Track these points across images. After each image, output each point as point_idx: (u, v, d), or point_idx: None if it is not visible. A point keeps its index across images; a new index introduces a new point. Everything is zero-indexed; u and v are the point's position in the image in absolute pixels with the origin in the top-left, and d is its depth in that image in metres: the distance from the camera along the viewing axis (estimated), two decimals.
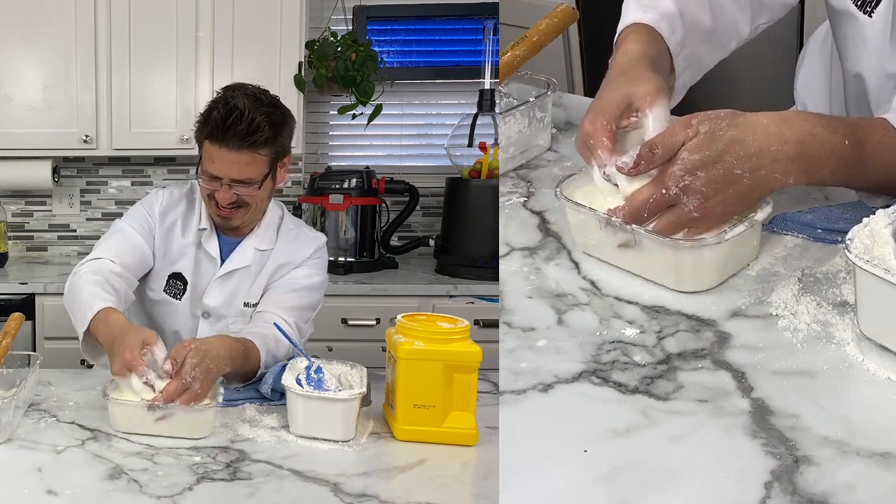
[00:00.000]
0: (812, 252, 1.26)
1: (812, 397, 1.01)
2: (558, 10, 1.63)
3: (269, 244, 1.78)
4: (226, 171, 1.66)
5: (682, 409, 1.01)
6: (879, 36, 1.44)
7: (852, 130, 1.17)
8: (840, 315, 1.13)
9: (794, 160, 1.14)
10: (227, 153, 1.64)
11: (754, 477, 0.91)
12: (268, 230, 1.79)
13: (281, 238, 1.79)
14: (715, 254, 1.16)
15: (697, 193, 1.13)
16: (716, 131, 1.13)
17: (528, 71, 1.61)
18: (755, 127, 1.13)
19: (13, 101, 2.87)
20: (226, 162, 1.65)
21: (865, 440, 0.94)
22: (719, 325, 1.14)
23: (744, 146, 1.13)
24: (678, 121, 1.16)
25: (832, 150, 1.15)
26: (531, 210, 1.42)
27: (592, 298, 1.21)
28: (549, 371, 1.08)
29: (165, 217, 1.78)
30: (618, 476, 0.93)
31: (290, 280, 1.77)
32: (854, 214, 1.24)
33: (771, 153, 1.13)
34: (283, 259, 1.78)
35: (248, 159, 1.65)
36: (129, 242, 1.74)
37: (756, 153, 1.13)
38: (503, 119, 1.51)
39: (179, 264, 1.77)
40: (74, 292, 1.63)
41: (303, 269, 1.78)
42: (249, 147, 1.64)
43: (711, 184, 1.13)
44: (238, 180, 1.67)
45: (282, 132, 1.69)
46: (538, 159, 1.56)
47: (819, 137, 1.15)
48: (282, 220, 1.81)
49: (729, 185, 1.13)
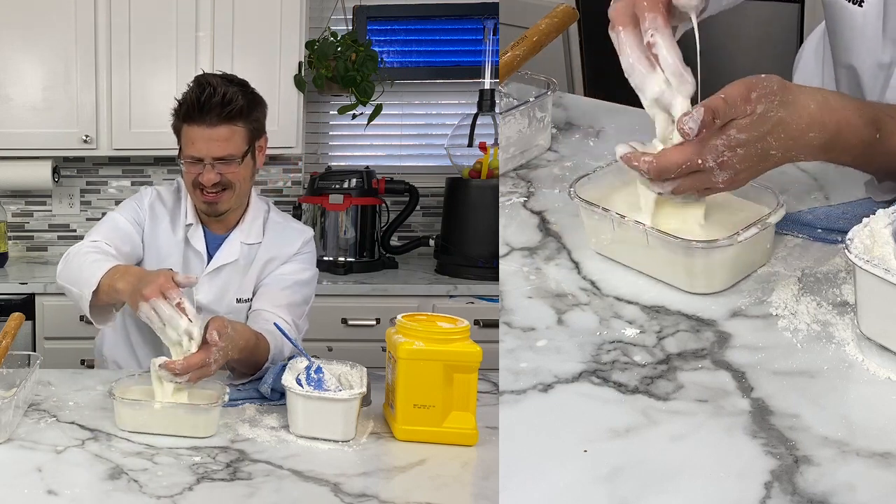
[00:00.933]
0: (812, 252, 1.26)
1: (812, 397, 1.01)
2: (558, 10, 1.63)
3: (256, 238, 1.79)
4: (207, 149, 1.68)
5: (682, 409, 1.01)
6: (871, 26, 1.45)
7: (885, 122, 1.18)
8: (840, 315, 1.13)
9: (825, 147, 1.16)
10: (207, 130, 1.67)
11: (754, 477, 0.91)
12: (254, 224, 1.79)
13: (268, 232, 1.80)
14: (727, 255, 1.16)
15: (731, 169, 1.13)
16: (767, 112, 1.12)
17: (528, 71, 1.61)
18: (801, 111, 1.13)
19: (13, 101, 2.87)
20: (206, 140, 1.68)
21: (865, 440, 0.94)
22: (719, 325, 1.14)
23: (787, 129, 1.13)
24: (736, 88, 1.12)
25: (862, 140, 1.17)
26: (531, 210, 1.42)
27: (592, 298, 1.21)
28: (549, 371, 1.08)
29: (154, 210, 1.80)
30: (618, 476, 0.93)
31: (281, 276, 1.78)
32: (854, 214, 1.24)
33: (807, 139, 1.14)
34: (271, 253, 1.79)
35: (227, 133, 1.68)
36: (121, 231, 1.76)
37: (795, 137, 1.13)
38: (503, 119, 1.51)
39: (168, 262, 1.78)
40: (74, 264, 1.64)
41: (292, 264, 1.79)
42: (226, 120, 1.67)
43: (747, 160, 1.13)
44: (220, 158, 1.69)
45: (255, 108, 1.73)
46: (538, 159, 1.56)
47: (854, 128, 1.16)
48: (268, 213, 1.83)
49: (760, 162, 1.14)
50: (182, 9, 2.85)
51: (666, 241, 1.17)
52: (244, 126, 1.70)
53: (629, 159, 1.17)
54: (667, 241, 1.17)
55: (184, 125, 1.70)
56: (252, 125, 1.72)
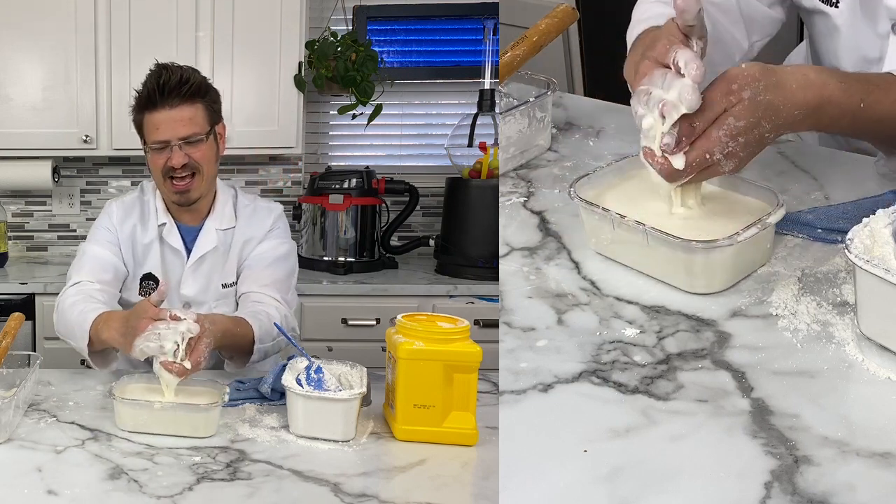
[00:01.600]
0: (812, 252, 1.26)
1: (812, 397, 1.01)
2: (558, 10, 1.63)
3: (229, 222, 1.82)
4: (172, 131, 1.71)
5: (682, 409, 1.01)
6: (849, 23, 1.50)
7: (868, 91, 1.23)
8: (840, 315, 1.13)
9: (809, 119, 1.20)
10: (170, 112, 1.71)
11: (754, 477, 0.91)
12: (224, 209, 1.82)
13: (239, 215, 1.83)
14: (727, 255, 1.16)
15: (735, 157, 1.16)
16: (755, 96, 1.15)
17: (528, 71, 1.61)
18: (785, 92, 1.18)
19: (13, 101, 2.86)
20: (170, 122, 1.71)
21: (865, 440, 0.94)
22: (719, 325, 1.14)
23: (777, 113, 1.17)
24: (713, 87, 1.17)
25: (845, 112, 1.21)
26: (531, 210, 1.42)
27: (592, 298, 1.21)
28: (549, 371, 1.08)
29: (124, 225, 1.82)
30: (618, 476, 0.93)
31: (261, 256, 1.81)
32: (854, 214, 1.24)
33: (794, 117, 1.18)
34: (246, 235, 1.82)
35: (190, 112, 1.72)
36: (98, 260, 1.78)
37: (784, 119, 1.18)
38: (503, 119, 1.51)
39: (148, 265, 1.81)
40: (64, 319, 1.68)
41: (268, 241, 1.82)
42: (187, 99, 1.71)
43: (748, 147, 1.17)
44: (185, 138, 1.71)
45: (209, 90, 1.76)
46: (538, 159, 1.56)
47: (835, 101, 1.20)
48: (236, 198, 1.86)
49: (759, 146, 1.18)
50: (182, 9, 2.85)
51: (666, 241, 1.17)
52: (203, 105, 1.74)
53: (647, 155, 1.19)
54: (667, 241, 1.17)
55: (146, 114, 1.73)
56: (210, 105, 1.76)
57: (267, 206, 1.87)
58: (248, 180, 3.20)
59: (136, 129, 1.78)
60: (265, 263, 1.79)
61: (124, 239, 1.80)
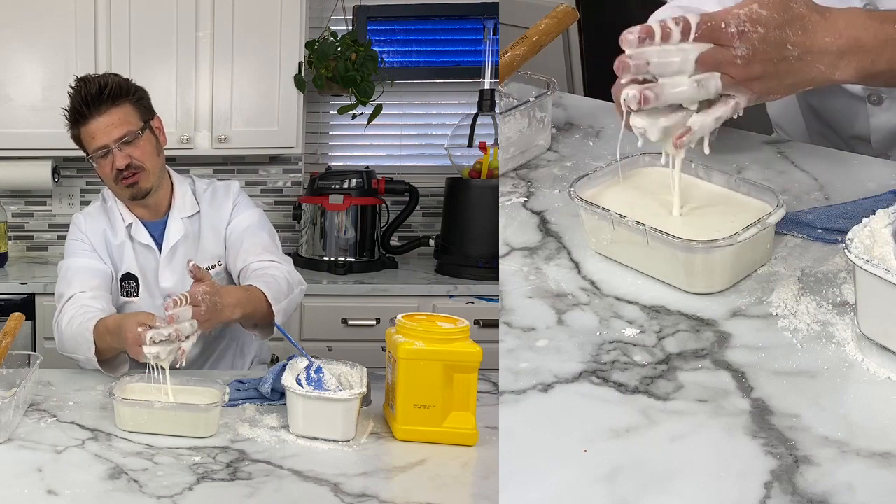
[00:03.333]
0: (812, 252, 1.26)
1: (812, 397, 1.01)
2: (558, 10, 1.63)
3: (192, 209, 1.86)
4: (106, 135, 1.76)
5: (682, 409, 1.01)
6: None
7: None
8: (840, 315, 1.13)
9: (844, 55, 1.18)
10: (99, 119, 1.76)
11: (754, 477, 0.91)
12: (185, 199, 1.87)
13: (201, 200, 1.88)
14: (727, 255, 1.16)
15: (749, 44, 1.14)
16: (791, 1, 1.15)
17: (528, 71, 1.61)
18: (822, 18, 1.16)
19: (13, 100, 2.86)
20: (102, 127, 1.76)
21: (865, 440, 0.94)
22: (719, 325, 1.14)
23: (804, 27, 1.15)
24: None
25: (886, 40, 1.19)
26: (531, 210, 1.42)
27: (592, 298, 1.21)
28: (549, 371, 1.08)
29: (94, 231, 1.86)
30: (618, 476, 0.93)
31: (238, 232, 1.86)
32: (854, 214, 1.24)
33: (824, 44, 1.17)
34: (211, 218, 1.87)
35: (119, 114, 1.76)
36: (81, 270, 1.80)
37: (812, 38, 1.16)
38: (503, 119, 1.51)
39: (124, 265, 1.85)
40: (66, 336, 1.68)
41: (237, 216, 1.87)
42: (111, 102, 1.76)
43: (765, 44, 1.14)
44: (121, 139, 1.75)
45: (132, 87, 1.80)
46: (538, 159, 1.56)
47: (871, 30, 1.18)
48: (194, 185, 1.90)
49: (778, 55, 1.15)
50: (182, 9, 2.85)
51: (666, 241, 1.17)
52: (131, 104, 1.78)
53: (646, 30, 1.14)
54: (667, 241, 1.17)
55: (81, 128, 1.79)
56: (138, 102, 1.80)
57: (223, 184, 1.92)
58: (248, 180, 3.20)
59: (77, 144, 1.83)
60: (248, 234, 1.84)
61: (98, 244, 1.84)
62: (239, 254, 1.83)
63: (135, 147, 1.77)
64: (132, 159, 1.76)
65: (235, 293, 1.61)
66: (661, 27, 1.14)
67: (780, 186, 1.39)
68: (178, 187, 1.87)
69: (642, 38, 1.14)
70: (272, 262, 1.78)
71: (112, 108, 1.76)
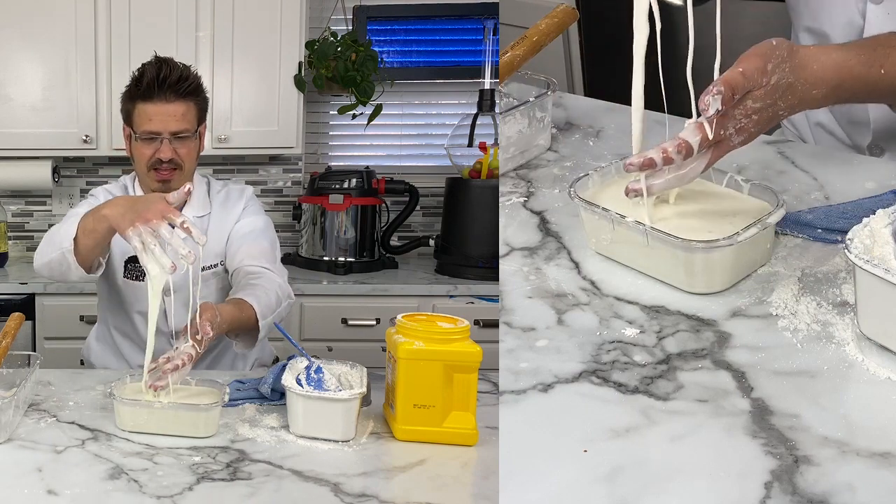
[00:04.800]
0: (812, 252, 1.26)
1: (812, 397, 1.01)
2: (558, 10, 1.63)
3: (204, 209, 1.86)
4: (164, 124, 1.74)
5: (682, 409, 1.01)
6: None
7: (886, 55, 1.25)
8: (840, 315, 1.13)
9: (828, 97, 1.23)
10: (164, 106, 1.74)
11: (754, 477, 0.91)
12: (199, 197, 1.86)
13: (214, 202, 1.88)
14: (727, 255, 1.16)
15: (746, 133, 1.18)
16: (780, 81, 1.18)
17: (528, 71, 1.61)
18: (806, 73, 1.20)
19: (13, 101, 2.86)
20: (164, 115, 1.74)
21: (865, 440, 0.94)
22: (719, 325, 1.14)
23: (794, 92, 1.19)
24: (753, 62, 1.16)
25: (866, 83, 1.24)
26: (531, 210, 1.42)
27: (592, 298, 1.21)
28: (549, 371, 1.08)
29: None
30: (618, 476, 0.93)
31: (241, 233, 1.85)
32: (854, 214, 1.24)
33: (811, 96, 1.21)
34: (220, 219, 1.86)
35: (183, 109, 1.75)
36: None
37: (801, 96, 1.20)
38: (503, 119, 1.51)
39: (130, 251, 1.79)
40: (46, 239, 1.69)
41: (245, 219, 1.87)
42: (183, 96, 1.75)
43: (760, 123, 1.19)
44: (176, 133, 1.75)
45: (202, 91, 1.81)
46: (538, 159, 1.56)
47: (855, 76, 1.23)
48: (209, 185, 1.90)
49: (770, 122, 1.20)
50: (182, 9, 2.85)
51: (666, 241, 1.17)
52: (196, 105, 1.78)
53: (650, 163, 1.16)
54: (667, 241, 1.17)
55: (139, 103, 1.76)
56: (201, 106, 1.80)
57: (238, 188, 1.92)
58: (248, 180, 3.20)
59: (125, 115, 1.81)
60: (248, 238, 1.84)
61: None
62: (237, 254, 1.83)
63: (182, 145, 1.76)
64: (176, 155, 1.76)
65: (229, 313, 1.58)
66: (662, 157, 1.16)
67: (780, 186, 1.39)
68: (195, 188, 1.85)
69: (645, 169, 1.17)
70: (265, 269, 1.77)
71: (180, 100, 1.75)
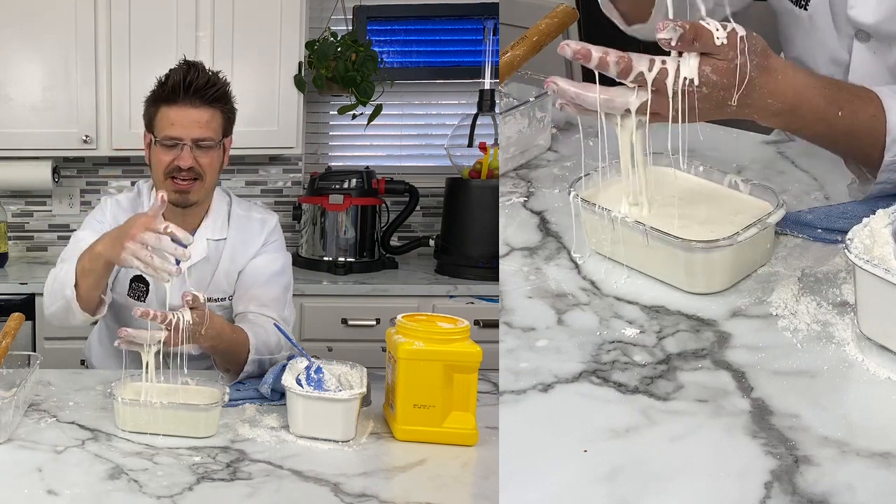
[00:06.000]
0: (812, 252, 1.26)
1: (812, 397, 1.01)
2: (558, 10, 1.63)
3: (221, 233, 1.78)
4: (188, 130, 1.68)
5: (682, 409, 1.01)
6: (818, 26, 1.51)
7: (849, 100, 1.22)
8: (840, 315, 1.13)
9: (780, 115, 1.19)
10: (189, 111, 1.68)
11: (754, 477, 0.91)
12: (218, 218, 1.79)
13: (232, 226, 1.80)
14: (727, 255, 1.16)
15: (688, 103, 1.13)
16: (743, 67, 1.13)
17: (528, 71, 1.61)
18: (769, 78, 1.16)
19: (13, 101, 2.86)
20: (188, 121, 1.68)
21: (865, 440, 0.94)
22: (719, 325, 1.14)
23: (751, 90, 1.15)
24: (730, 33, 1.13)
25: (821, 118, 1.20)
26: (531, 210, 1.42)
27: (592, 298, 1.21)
28: (549, 371, 1.08)
29: (117, 219, 1.76)
30: (618, 476, 0.93)
31: (256, 272, 1.77)
32: (854, 214, 1.24)
33: (765, 105, 1.17)
34: (236, 250, 1.78)
35: (208, 116, 1.69)
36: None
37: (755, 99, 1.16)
38: (503, 119, 1.51)
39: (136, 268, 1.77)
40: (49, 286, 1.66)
41: (262, 257, 1.79)
42: (209, 102, 1.69)
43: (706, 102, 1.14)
44: (198, 140, 1.69)
45: (230, 101, 1.74)
46: (538, 159, 1.56)
47: (813, 105, 1.19)
48: (230, 206, 1.82)
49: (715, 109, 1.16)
50: (182, 9, 2.85)
51: (666, 241, 1.17)
52: (222, 113, 1.72)
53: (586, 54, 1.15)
54: (667, 241, 1.17)
55: (162, 107, 1.70)
56: (227, 115, 1.74)
57: (261, 217, 1.83)
58: (248, 180, 3.20)
59: (147, 120, 1.74)
60: (261, 281, 1.76)
61: None
62: (245, 295, 1.75)
63: (204, 154, 1.69)
64: (197, 164, 1.69)
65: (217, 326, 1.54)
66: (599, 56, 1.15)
67: (780, 186, 1.39)
68: (214, 206, 1.79)
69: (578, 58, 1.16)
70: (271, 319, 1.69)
71: (206, 106, 1.69)
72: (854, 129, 1.22)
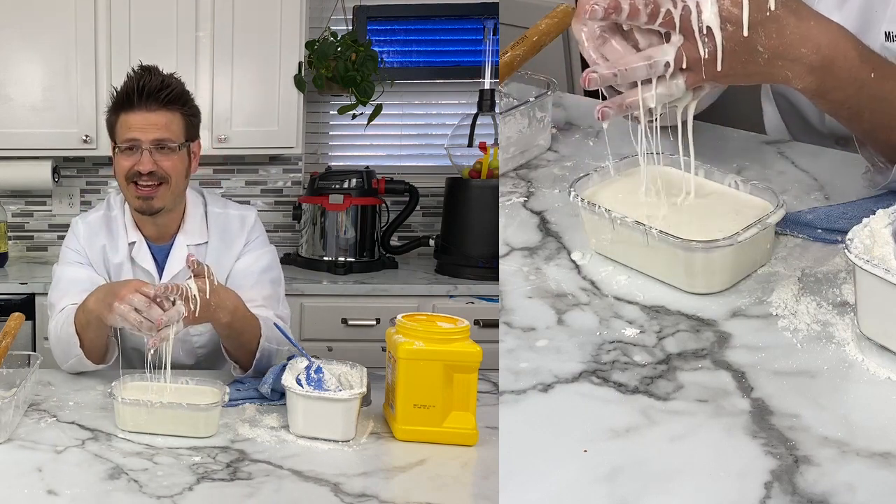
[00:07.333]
0: (812, 252, 1.26)
1: (812, 397, 1.01)
2: (558, 10, 1.63)
3: (201, 237, 1.76)
4: (143, 132, 1.66)
5: (682, 409, 1.01)
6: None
7: (881, 64, 1.17)
8: (840, 315, 1.13)
9: (815, 70, 1.13)
10: (146, 115, 1.67)
11: (754, 477, 0.91)
12: (195, 222, 1.76)
13: (211, 228, 1.77)
14: (727, 255, 1.16)
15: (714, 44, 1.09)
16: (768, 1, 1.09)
17: (528, 71, 1.61)
18: (801, 21, 1.11)
19: (13, 101, 2.87)
20: (144, 124, 1.67)
21: (865, 440, 0.94)
22: (719, 325, 1.14)
23: (780, 31, 1.10)
24: None
25: (855, 79, 1.15)
26: (531, 210, 1.42)
27: (592, 298, 1.21)
28: (549, 371, 1.08)
29: (92, 245, 1.76)
30: (618, 476, 0.93)
31: (244, 273, 1.74)
32: (854, 214, 1.24)
33: (798, 53, 1.12)
34: (219, 253, 1.75)
35: (166, 118, 1.67)
36: (74, 282, 1.72)
37: (787, 44, 1.11)
38: (503, 119, 1.51)
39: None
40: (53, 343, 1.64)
41: (247, 257, 1.76)
42: (166, 105, 1.67)
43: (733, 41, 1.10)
44: (157, 141, 1.66)
45: (189, 102, 1.73)
46: (538, 159, 1.56)
47: (849, 60, 1.14)
48: (206, 206, 1.79)
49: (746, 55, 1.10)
50: (182, 9, 2.85)
51: (666, 241, 1.17)
52: (181, 115, 1.70)
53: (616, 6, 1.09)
54: (667, 241, 1.17)
55: (121, 114, 1.69)
56: (189, 118, 1.72)
57: (239, 214, 1.80)
58: (248, 180, 3.20)
59: (109, 130, 1.74)
60: (251, 281, 1.73)
61: (95, 259, 1.75)
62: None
63: (165, 158, 1.66)
64: (158, 167, 1.66)
65: (233, 299, 1.54)
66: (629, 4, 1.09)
67: (780, 186, 1.39)
68: (189, 210, 1.76)
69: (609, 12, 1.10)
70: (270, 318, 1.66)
71: (162, 109, 1.67)
72: (885, 94, 1.18)
